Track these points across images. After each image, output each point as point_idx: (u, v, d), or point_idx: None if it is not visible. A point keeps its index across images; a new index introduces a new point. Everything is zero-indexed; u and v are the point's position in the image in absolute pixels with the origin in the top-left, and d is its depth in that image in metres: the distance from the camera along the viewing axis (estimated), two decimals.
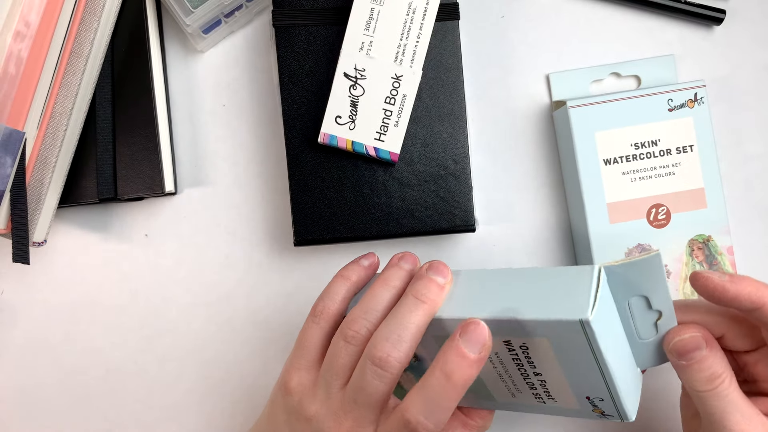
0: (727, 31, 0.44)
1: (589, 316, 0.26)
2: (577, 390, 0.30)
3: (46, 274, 0.43)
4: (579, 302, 0.26)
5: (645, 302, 0.29)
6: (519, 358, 0.29)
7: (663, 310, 0.29)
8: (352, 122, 0.38)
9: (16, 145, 0.35)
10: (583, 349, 0.27)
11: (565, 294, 0.27)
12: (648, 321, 0.29)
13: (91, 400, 0.43)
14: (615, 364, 0.28)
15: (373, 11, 0.38)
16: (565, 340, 0.27)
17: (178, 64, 0.43)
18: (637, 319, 0.29)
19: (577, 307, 0.26)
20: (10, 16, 0.35)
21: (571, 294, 0.27)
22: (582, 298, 0.26)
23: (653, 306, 0.29)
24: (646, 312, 0.29)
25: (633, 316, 0.29)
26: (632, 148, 0.40)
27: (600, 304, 0.26)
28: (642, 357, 0.31)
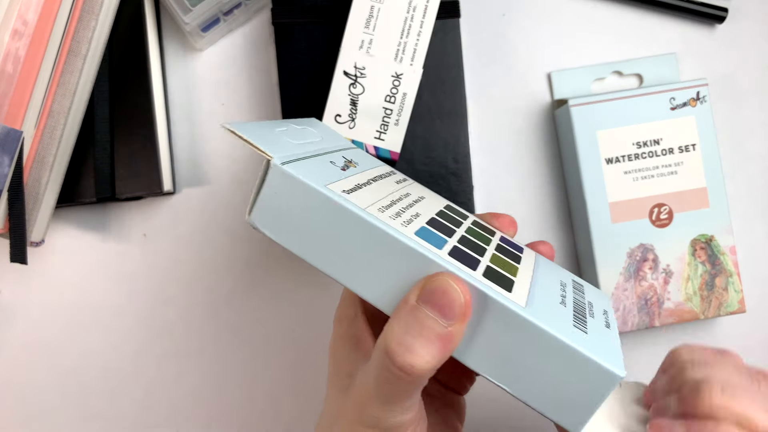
0: (729, 30, 0.44)
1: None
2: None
3: (44, 273, 0.43)
4: (581, 416, 0.24)
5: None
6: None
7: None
8: (352, 121, 0.38)
9: (14, 144, 0.34)
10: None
11: (572, 398, 0.24)
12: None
13: (89, 400, 0.43)
14: None
15: (373, 9, 0.37)
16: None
17: (176, 62, 0.43)
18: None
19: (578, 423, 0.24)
20: (7, 14, 0.35)
21: (577, 403, 0.24)
22: (586, 414, 0.24)
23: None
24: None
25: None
26: (634, 147, 0.40)
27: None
28: None
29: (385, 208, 0.25)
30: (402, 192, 0.29)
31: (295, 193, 0.23)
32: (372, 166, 0.30)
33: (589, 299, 0.29)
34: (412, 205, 0.28)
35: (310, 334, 0.43)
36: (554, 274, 0.29)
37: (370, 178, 0.28)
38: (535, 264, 0.29)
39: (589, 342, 0.24)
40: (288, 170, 0.23)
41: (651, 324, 0.40)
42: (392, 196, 0.27)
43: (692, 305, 0.40)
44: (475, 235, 0.28)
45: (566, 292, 0.28)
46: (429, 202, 0.29)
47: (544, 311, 0.24)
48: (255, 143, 0.24)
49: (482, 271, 0.25)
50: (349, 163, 0.29)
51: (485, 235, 0.29)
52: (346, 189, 0.25)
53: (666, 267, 0.40)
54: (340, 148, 0.31)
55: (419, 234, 0.24)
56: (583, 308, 0.27)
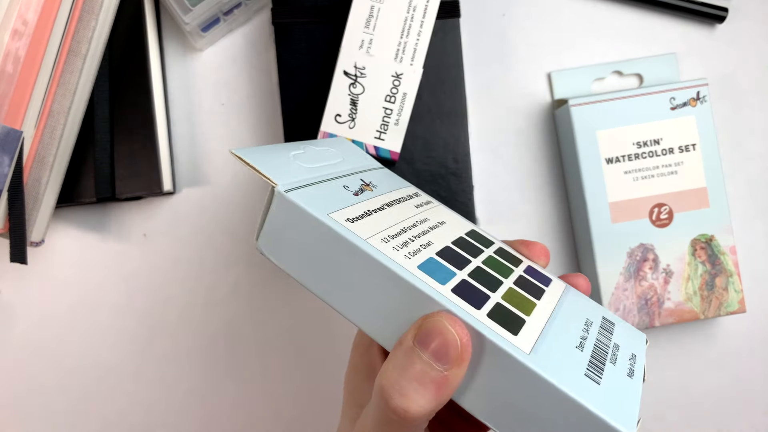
0: (729, 30, 0.44)
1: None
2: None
3: (44, 274, 0.43)
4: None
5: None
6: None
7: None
8: (352, 121, 0.38)
9: (14, 144, 0.34)
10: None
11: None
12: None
13: (89, 400, 0.43)
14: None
15: (373, 9, 0.37)
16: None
17: (176, 62, 0.43)
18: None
19: None
20: (7, 14, 0.35)
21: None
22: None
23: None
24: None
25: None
26: (634, 147, 0.40)
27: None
28: None
29: (390, 237, 0.24)
30: (419, 217, 0.28)
31: (297, 221, 0.23)
32: (392, 188, 0.29)
33: (616, 341, 0.26)
34: (426, 232, 0.26)
35: (310, 334, 0.43)
36: (581, 311, 0.27)
37: (385, 203, 0.27)
38: (561, 299, 0.27)
39: (600, 394, 0.22)
40: (290, 197, 0.23)
41: (651, 324, 0.40)
42: (405, 223, 0.26)
43: (692, 305, 0.40)
44: (494, 265, 0.27)
45: (589, 332, 0.26)
46: (449, 228, 0.28)
47: (553, 357, 0.22)
48: (260, 170, 0.23)
49: (488, 310, 0.23)
50: (366, 186, 0.28)
51: (506, 266, 0.27)
52: (351, 217, 0.24)
53: (666, 267, 0.40)
54: (360, 169, 0.30)
55: (423, 267, 0.23)
56: (604, 353, 0.25)
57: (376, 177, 0.30)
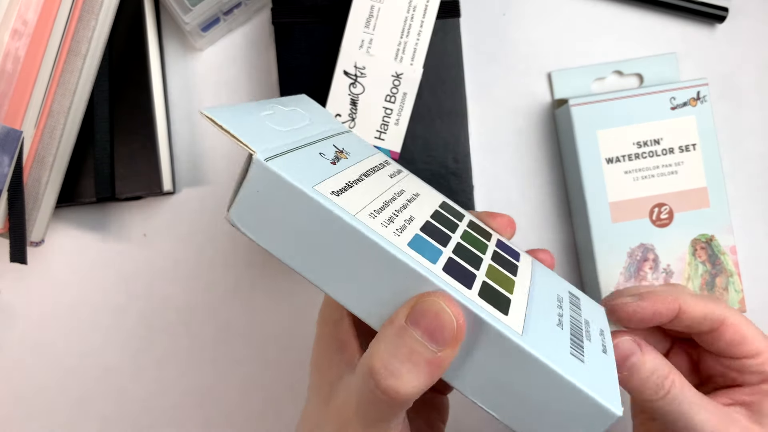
0: (729, 29, 0.44)
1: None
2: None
3: (44, 273, 0.42)
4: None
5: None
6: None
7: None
8: (352, 120, 0.38)
9: (14, 144, 0.34)
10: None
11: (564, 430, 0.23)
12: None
13: (89, 400, 0.43)
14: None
15: (373, 9, 0.37)
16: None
17: (176, 62, 0.43)
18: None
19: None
20: (7, 14, 0.35)
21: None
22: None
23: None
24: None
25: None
26: (634, 147, 0.40)
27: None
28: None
29: (376, 212, 0.23)
30: (396, 189, 0.27)
31: (279, 194, 0.21)
32: (364, 155, 0.28)
33: (585, 317, 0.27)
34: (405, 206, 0.26)
35: (310, 333, 0.43)
36: (551, 287, 0.28)
37: (362, 172, 0.26)
38: (532, 274, 0.27)
39: (587, 373, 0.22)
40: (272, 168, 0.21)
41: None
42: (385, 196, 0.25)
43: None
44: (471, 241, 0.27)
45: (563, 309, 0.26)
46: (424, 201, 0.28)
47: (542, 337, 0.23)
48: (235, 134, 0.21)
49: (478, 290, 0.23)
50: (339, 153, 0.26)
51: (482, 241, 0.27)
52: (336, 190, 0.23)
53: (666, 267, 0.40)
54: (330, 133, 0.28)
55: (413, 245, 0.23)
56: (580, 330, 0.26)
57: (346, 142, 0.28)
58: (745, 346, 0.29)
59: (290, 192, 0.21)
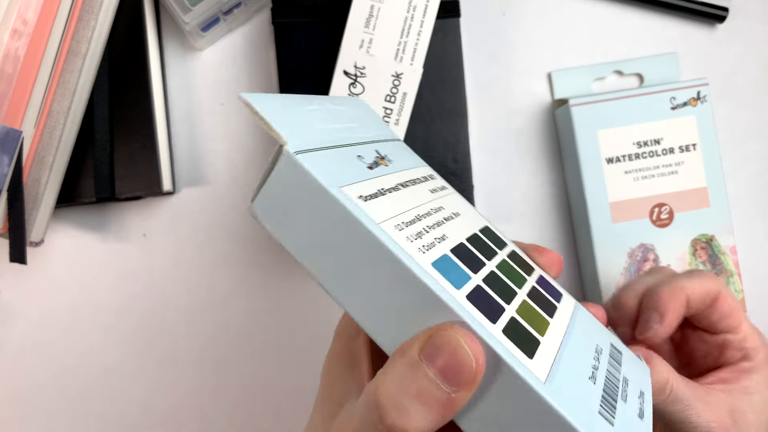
0: (729, 29, 0.44)
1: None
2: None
3: (43, 274, 0.42)
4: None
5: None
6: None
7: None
8: None
9: (14, 144, 0.34)
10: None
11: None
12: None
13: (89, 401, 0.43)
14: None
15: (373, 9, 0.37)
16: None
17: (176, 62, 0.43)
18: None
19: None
20: (7, 13, 0.35)
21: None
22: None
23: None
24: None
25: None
26: (635, 147, 0.40)
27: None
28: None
29: (405, 224, 0.21)
30: (434, 205, 0.25)
31: (303, 189, 0.20)
32: (408, 166, 0.26)
33: (625, 374, 0.24)
34: (441, 223, 0.23)
35: (311, 334, 0.43)
36: (591, 336, 0.25)
37: (399, 182, 0.24)
38: (572, 319, 0.25)
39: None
40: (300, 161, 0.20)
41: None
42: (419, 210, 0.23)
43: None
44: (507, 271, 0.24)
45: (600, 362, 0.23)
46: (463, 221, 0.25)
47: (568, 389, 0.20)
48: (270, 122, 0.20)
49: (503, 326, 0.20)
50: (380, 159, 0.25)
51: (520, 273, 0.25)
52: (365, 195, 0.21)
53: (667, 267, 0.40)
54: (377, 139, 0.26)
55: (437, 265, 0.21)
56: (616, 388, 0.23)
57: (391, 150, 0.27)
58: (731, 319, 0.31)
59: (314, 189, 0.20)
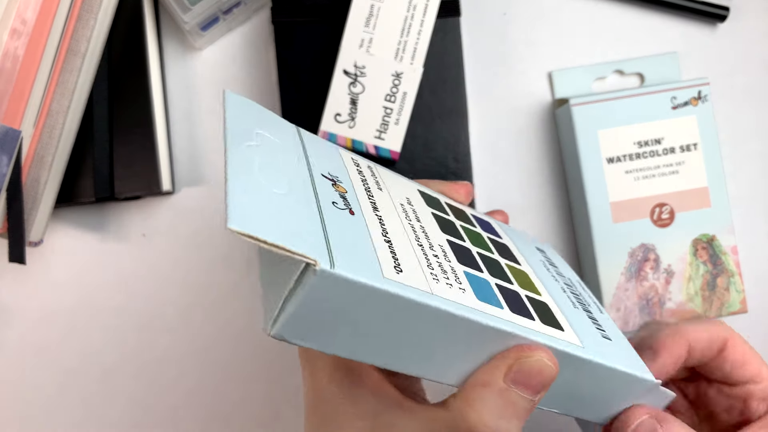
0: (730, 29, 0.44)
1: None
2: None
3: (43, 274, 0.42)
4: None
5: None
6: None
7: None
8: (352, 120, 0.38)
9: (13, 144, 0.34)
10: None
11: (608, 401, 0.26)
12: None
13: (89, 401, 0.42)
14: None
15: (373, 8, 0.37)
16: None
17: (175, 61, 0.43)
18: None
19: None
20: (6, 13, 0.35)
21: (612, 403, 0.26)
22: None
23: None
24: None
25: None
26: (635, 147, 0.40)
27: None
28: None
29: (432, 271, 0.21)
30: (408, 218, 0.24)
31: (345, 295, 0.18)
32: (351, 173, 0.25)
33: (570, 277, 0.30)
34: (427, 236, 0.23)
35: None
36: (536, 258, 0.29)
37: (377, 214, 0.23)
38: (518, 249, 0.28)
39: (619, 352, 0.25)
40: (342, 275, 0.18)
41: None
42: (411, 237, 0.23)
43: (694, 305, 0.40)
44: (476, 241, 0.26)
45: (563, 284, 0.28)
46: (423, 214, 0.25)
47: (588, 336, 0.24)
48: (278, 243, 0.17)
49: (539, 317, 0.23)
50: (337, 187, 0.23)
51: (474, 232, 0.27)
52: (393, 265, 0.20)
53: (667, 267, 0.40)
54: (302, 155, 0.24)
55: (479, 294, 0.21)
56: (588, 305, 0.27)
57: (329, 165, 0.24)
58: (748, 367, 0.29)
59: (360, 290, 0.18)
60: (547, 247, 0.33)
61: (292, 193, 0.20)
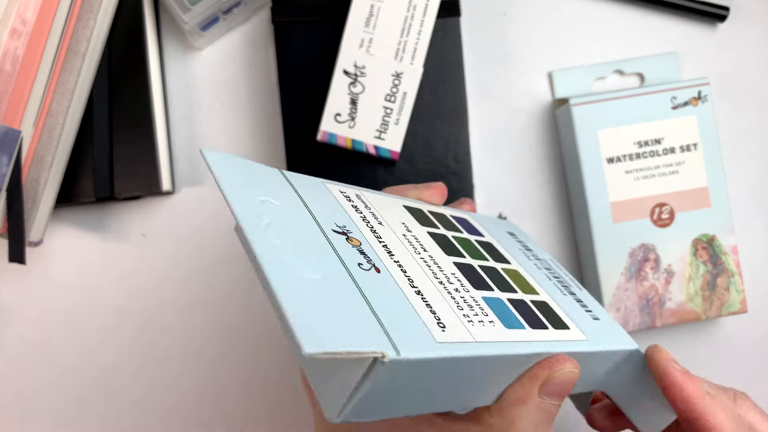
0: (730, 29, 0.44)
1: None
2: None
3: (43, 274, 0.42)
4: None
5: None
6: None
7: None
8: (352, 120, 0.38)
9: (13, 144, 0.34)
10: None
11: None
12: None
13: (89, 401, 0.42)
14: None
15: (373, 8, 0.37)
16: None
17: (175, 61, 0.43)
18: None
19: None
20: (6, 13, 0.35)
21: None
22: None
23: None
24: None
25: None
26: (635, 147, 0.40)
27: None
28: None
29: (464, 314, 0.22)
30: (421, 255, 0.24)
31: (407, 371, 0.19)
32: (351, 215, 0.24)
33: (545, 257, 0.32)
34: (441, 270, 0.24)
35: None
36: (513, 247, 0.30)
37: (391, 256, 0.23)
38: (503, 245, 0.30)
39: (610, 330, 0.27)
40: (406, 358, 0.18)
41: (652, 324, 0.40)
42: (433, 277, 0.23)
43: (694, 305, 0.40)
44: (475, 254, 0.27)
45: (545, 270, 0.30)
46: (425, 240, 0.26)
47: (586, 324, 0.26)
48: (356, 350, 0.17)
49: (549, 323, 0.24)
50: (353, 241, 0.23)
51: (470, 243, 0.28)
52: (438, 322, 0.20)
53: (667, 267, 0.40)
54: (319, 215, 0.23)
55: (504, 321, 0.22)
56: (570, 287, 0.29)
57: (329, 213, 0.24)
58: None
59: (422, 364, 0.19)
60: (514, 228, 0.34)
61: (327, 276, 0.19)
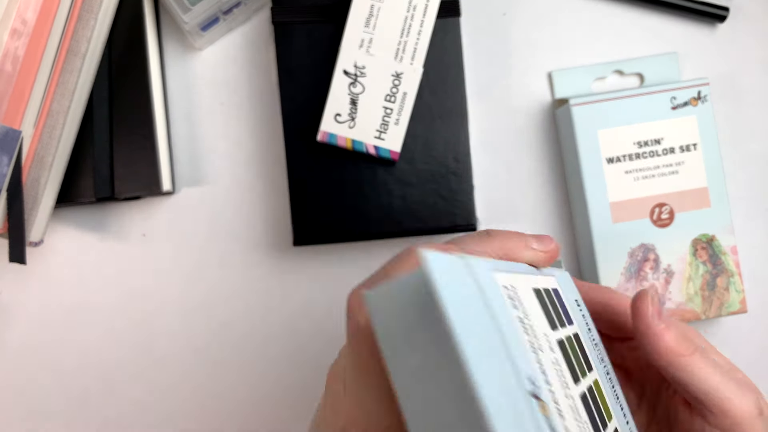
0: (730, 29, 0.44)
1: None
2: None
3: (43, 274, 0.42)
4: None
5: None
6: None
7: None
8: (352, 120, 0.38)
9: (13, 144, 0.34)
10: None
11: None
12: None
13: (89, 401, 0.42)
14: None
15: (373, 8, 0.37)
16: None
17: (175, 62, 0.43)
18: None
19: None
20: (6, 13, 0.35)
21: None
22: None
23: None
24: None
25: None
26: (635, 147, 0.40)
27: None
28: None
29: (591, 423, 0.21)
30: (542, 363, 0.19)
31: None
32: (541, 358, 0.19)
33: (595, 337, 0.27)
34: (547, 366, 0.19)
35: (310, 334, 0.43)
36: (587, 335, 0.26)
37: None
38: (583, 338, 0.25)
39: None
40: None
41: None
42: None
43: (693, 305, 0.40)
44: (581, 368, 0.24)
45: (606, 372, 0.26)
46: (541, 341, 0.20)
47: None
48: None
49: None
50: (543, 408, 0.16)
51: (576, 352, 0.24)
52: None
53: (667, 267, 0.40)
54: (518, 359, 0.17)
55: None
56: (618, 396, 0.26)
57: (524, 362, 0.17)
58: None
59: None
60: (575, 291, 0.28)
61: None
